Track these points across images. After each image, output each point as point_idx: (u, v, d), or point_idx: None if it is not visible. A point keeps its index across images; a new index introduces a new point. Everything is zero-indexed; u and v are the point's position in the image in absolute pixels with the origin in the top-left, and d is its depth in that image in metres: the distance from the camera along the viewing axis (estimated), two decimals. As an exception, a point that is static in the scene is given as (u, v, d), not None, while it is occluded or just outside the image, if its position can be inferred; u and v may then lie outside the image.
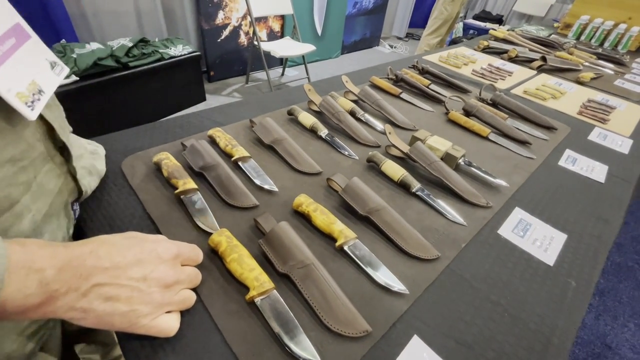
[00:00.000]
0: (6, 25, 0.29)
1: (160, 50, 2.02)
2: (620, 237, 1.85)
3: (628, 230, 1.90)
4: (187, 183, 0.51)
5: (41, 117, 0.34)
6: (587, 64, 1.46)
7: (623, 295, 1.53)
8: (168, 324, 0.33)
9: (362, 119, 0.80)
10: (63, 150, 0.39)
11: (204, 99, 2.44)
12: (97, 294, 0.28)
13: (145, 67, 1.91)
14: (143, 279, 0.31)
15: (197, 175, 0.56)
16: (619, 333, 1.37)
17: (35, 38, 0.32)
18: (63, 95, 1.54)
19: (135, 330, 0.31)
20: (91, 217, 0.48)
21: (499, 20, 3.94)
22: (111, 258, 0.30)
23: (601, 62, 1.50)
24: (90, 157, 0.52)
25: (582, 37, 1.88)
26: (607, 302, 1.49)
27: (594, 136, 0.88)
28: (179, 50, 2.10)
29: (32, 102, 0.30)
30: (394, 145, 0.66)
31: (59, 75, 0.35)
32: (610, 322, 1.41)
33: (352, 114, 0.80)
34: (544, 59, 1.32)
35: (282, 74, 3.04)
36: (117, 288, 0.29)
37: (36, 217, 0.34)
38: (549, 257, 0.51)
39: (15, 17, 0.30)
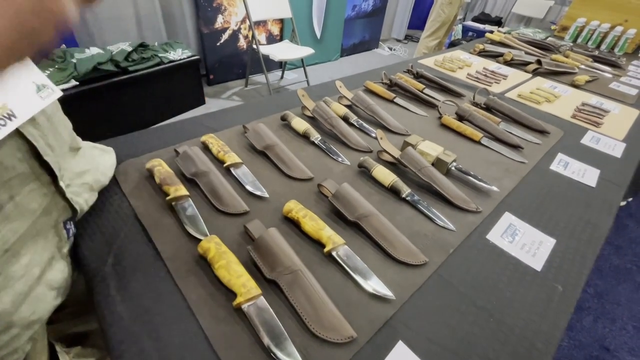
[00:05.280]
0: None
1: (160, 55, 2.03)
2: (619, 239, 1.84)
3: (627, 233, 1.89)
4: (178, 190, 0.52)
5: (23, 136, 0.34)
6: (583, 66, 1.46)
7: (621, 297, 1.53)
8: None
9: (356, 124, 0.81)
10: (51, 169, 0.38)
11: (203, 103, 2.45)
12: None
13: (145, 71, 1.92)
14: None
15: (189, 181, 0.56)
16: (617, 336, 1.37)
17: (24, 60, 0.32)
18: (63, 100, 1.56)
19: None
20: (82, 223, 0.48)
21: (498, 22, 3.94)
22: None
23: (597, 64, 1.50)
24: (95, 172, 0.51)
25: (579, 40, 1.88)
26: (606, 305, 1.49)
27: (587, 140, 0.89)
28: (179, 54, 2.12)
29: None
30: (385, 151, 0.67)
31: (45, 99, 0.34)
32: (609, 324, 1.41)
33: (345, 119, 0.81)
34: (539, 62, 1.33)
35: (282, 77, 3.05)
36: None
37: (8, 238, 0.33)
38: (537, 262, 0.52)
39: None
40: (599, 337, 1.35)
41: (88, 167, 0.49)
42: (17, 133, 0.33)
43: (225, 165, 0.60)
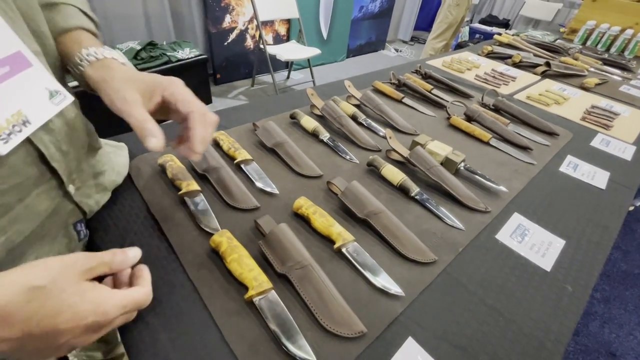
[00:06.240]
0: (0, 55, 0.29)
1: (168, 54, 2.05)
2: (627, 244, 1.82)
3: (635, 238, 1.87)
4: (190, 185, 0.52)
5: (32, 143, 0.34)
6: (592, 69, 1.45)
7: (629, 303, 1.51)
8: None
9: (364, 123, 0.81)
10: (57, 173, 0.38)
11: (210, 102, 2.47)
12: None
13: (153, 70, 1.94)
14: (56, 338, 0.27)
15: (201, 177, 0.57)
16: (624, 341, 1.35)
17: (37, 66, 0.33)
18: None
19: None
20: (97, 217, 0.49)
21: (505, 24, 3.93)
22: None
23: (607, 67, 1.49)
24: (112, 172, 0.52)
25: (588, 43, 1.87)
26: (613, 310, 1.47)
27: (597, 142, 0.88)
28: (186, 53, 2.14)
29: (9, 134, 0.30)
30: (394, 150, 0.67)
31: (58, 104, 0.34)
32: (616, 330, 1.39)
33: (354, 118, 0.81)
34: (548, 64, 1.32)
35: (288, 77, 3.06)
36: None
37: (14, 239, 0.34)
38: (546, 262, 0.51)
39: (15, 46, 0.31)
40: (606, 343, 1.34)
41: (105, 167, 0.50)
42: (27, 139, 0.33)
43: (235, 161, 0.61)
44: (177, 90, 0.39)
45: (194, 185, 0.53)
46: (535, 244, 0.54)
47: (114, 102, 0.35)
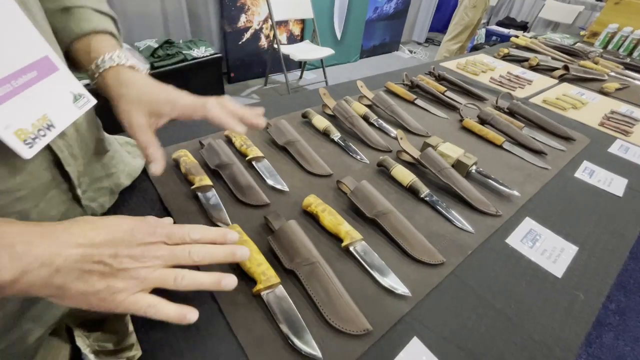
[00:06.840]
0: (27, 60, 0.29)
1: (184, 52, 2.09)
2: (645, 254, 1.76)
3: (654, 248, 1.81)
4: (203, 180, 0.54)
5: (49, 147, 0.34)
6: (613, 73, 1.41)
7: (645, 315, 1.46)
8: (150, 302, 0.31)
9: (375, 124, 0.81)
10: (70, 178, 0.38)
11: (223, 100, 2.50)
12: (70, 269, 0.27)
13: (169, 67, 1.98)
14: (114, 255, 0.29)
15: (213, 172, 0.58)
16: (639, 355, 1.31)
17: (63, 71, 0.33)
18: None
19: (113, 308, 0.30)
20: (113, 209, 0.51)
21: (523, 27, 3.85)
22: (84, 234, 0.29)
23: (628, 72, 1.44)
24: (121, 174, 0.51)
25: (610, 46, 1.82)
26: (628, 322, 1.43)
27: (615, 148, 0.86)
28: (202, 51, 2.17)
29: (34, 139, 0.30)
30: (404, 151, 0.67)
31: (81, 108, 0.35)
32: (631, 343, 1.35)
33: (365, 118, 0.81)
34: (566, 67, 1.29)
35: (301, 77, 3.08)
36: (90, 264, 0.28)
37: None
38: (558, 268, 0.51)
39: (43, 51, 0.31)
40: (620, 355, 1.30)
41: (113, 170, 0.50)
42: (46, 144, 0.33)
43: (247, 158, 0.62)
44: (181, 108, 0.45)
45: (207, 180, 0.54)
46: (547, 249, 0.54)
47: (123, 123, 0.40)
